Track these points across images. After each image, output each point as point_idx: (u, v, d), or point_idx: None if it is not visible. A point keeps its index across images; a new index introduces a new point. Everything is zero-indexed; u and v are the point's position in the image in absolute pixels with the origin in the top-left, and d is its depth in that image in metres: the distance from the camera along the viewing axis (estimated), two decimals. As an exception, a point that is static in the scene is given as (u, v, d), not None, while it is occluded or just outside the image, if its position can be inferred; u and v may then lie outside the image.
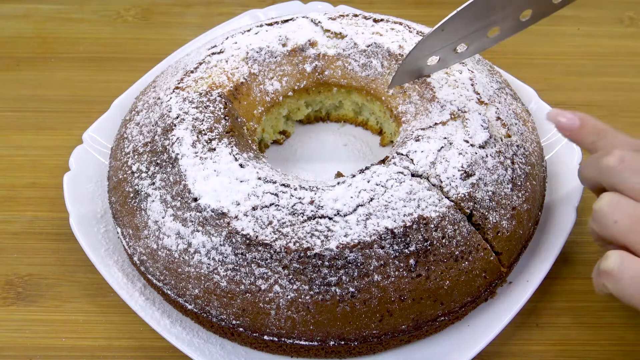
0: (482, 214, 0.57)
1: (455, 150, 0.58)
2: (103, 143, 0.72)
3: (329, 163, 0.73)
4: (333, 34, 0.72)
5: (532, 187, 0.62)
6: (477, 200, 0.57)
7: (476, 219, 0.57)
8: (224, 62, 0.69)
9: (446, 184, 0.57)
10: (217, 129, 0.62)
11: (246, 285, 0.54)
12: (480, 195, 0.57)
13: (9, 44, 0.93)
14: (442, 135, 0.60)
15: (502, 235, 0.58)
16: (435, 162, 0.58)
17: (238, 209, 0.55)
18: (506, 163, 0.60)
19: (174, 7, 1.00)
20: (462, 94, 0.63)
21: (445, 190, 0.56)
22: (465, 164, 0.58)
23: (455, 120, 0.61)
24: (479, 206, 0.57)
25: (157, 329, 0.57)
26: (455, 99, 0.62)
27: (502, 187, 0.59)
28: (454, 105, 0.62)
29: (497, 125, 0.62)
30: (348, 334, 0.54)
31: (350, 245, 0.53)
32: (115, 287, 0.60)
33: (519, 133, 0.63)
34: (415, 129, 0.62)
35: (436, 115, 0.62)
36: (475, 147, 0.59)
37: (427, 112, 0.63)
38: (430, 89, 0.65)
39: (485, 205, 0.57)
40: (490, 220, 0.57)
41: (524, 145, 0.63)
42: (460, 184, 0.57)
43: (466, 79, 0.64)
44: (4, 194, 0.74)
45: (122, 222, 0.61)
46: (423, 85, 0.65)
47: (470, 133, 0.60)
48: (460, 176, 0.57)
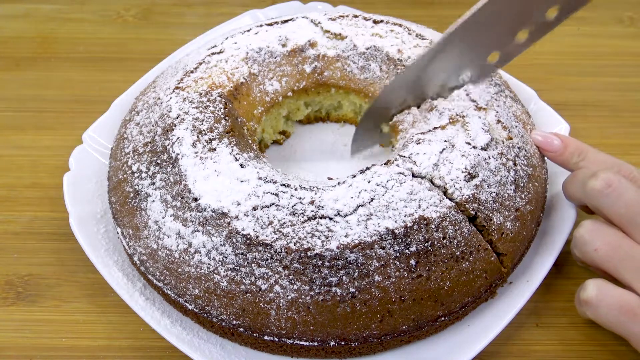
0: (486, 215, 0.57)
1: (457, 152, 0.58)
2: (103, 143, 0.72)
3: (329, 163, 0.73)
4: (333, 35, 0.72)
5: (534, 188, 0.62)
6: (481, 202, 0.57)
7: (480, 221, 0.57)
8: (223, 62, 0.69)
9: (450, 185, 0.57)
10: (217, 129, 0.62)
11: (246, 286, 0.54)
12: (484, 197, 0.57)
13: (9, 44, 0.93)
14: (443, 138, 0.60)
15: (506, 236, 0.58)
16: (438, 164, 0.58)
17: (238, 209, 0.55)
18: (508, 165, 0.60)
19: (174, 7, 1.00)
20: (460, 105, 0.63)
21: (450, 192, 0.56)
22: (469, 166, 0.58)
23: (455, 125, 0.61)
24: (483, 207, 0.57)
25: (157, 329, 0.57)
26: (454, 107, 0.63)
27: (505, 189, 0.59)
28: (452, 111, 0.62)
29: (498, 128, 0.62)
30: (348, 335, 0.54)
31: (350, 245, 0.53)
32: (115, 287, 0.60)
33: (519, 135, 0.63)
34: (414, 134, 0.62)
35: (435, 121, 0.62)
36: (477, 149, 0.59)
37: (425, 119, 0.63)
38: (428, 102, 0.65)
39: (489, 206, 0.57)
40: (495, 221, 0.57)
41: (525, 147, 0.63)
42: (464, 186, 0.57)
43: (460, 92, 0.64)
44: (4, 194, 0.74)
45: (122, 222, 0.61)
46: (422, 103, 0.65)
47: (471, 135, 0.60)
48: (464, 178, 0.57)
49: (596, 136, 0.80)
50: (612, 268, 0.54)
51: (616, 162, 0.59)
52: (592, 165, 0.60)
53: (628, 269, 0.53)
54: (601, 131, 0.81)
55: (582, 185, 0.57)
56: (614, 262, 0.54)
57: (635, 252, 0.53)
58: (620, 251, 0.53)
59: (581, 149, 0.61)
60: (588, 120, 0.82)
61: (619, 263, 0.53)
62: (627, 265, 0.53)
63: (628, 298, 0.52)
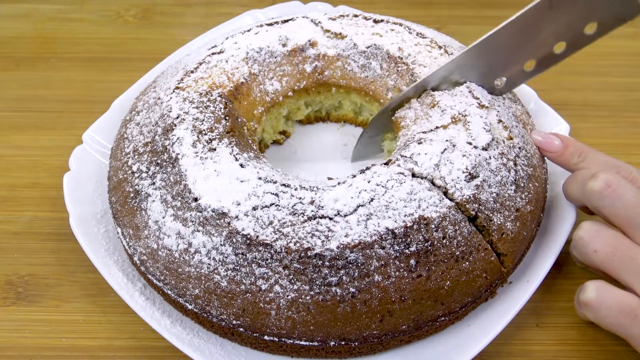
0: (486, 215, 0.57)
1: (458, 152, 0.58)
2: (103, 143, 0.72)
3: (329, 163, 0.74)
4: (333, 34, 0.72)
5: (534, 188, 0.62)
6: (481, 202, 0.57)
7: (481, 221, 0.57)
8: (224, 62, 0.69)
9: (451, 185, 0.56)
10: (217, 129, 0.62)
11: (246, 286, 0.54)
12: (484, 197, 0.57)
13: (9, 44, 0.93)
14: (445, 138, 0.59)
15: (506, 237, 0.58)
16: (439, 164, 0.57)
17: (238, 209, 0.55)
18: (509, 165, 0.60)
19: (174, 7, 1.00)
20: (462, 101, 0.63)
21: (450, 192, 0.56)
22: (470, 166, 0.57)
23: (457, 124, 0.61)
24: (484, 208, 0.57)
25: (157, 329, 0.57)
26: (456, 105, 0.62)
27: (506, 189, 0.59)
28: (454, 109, 0.62)
29: (499, 128, 0.62)
30: (348, 334, 0.54)
31: (350, 245, 0.53)
32: (115, 287, 0.60)
33: (520, 135, 0.63)
34: (416, 133, 0.61)
35: (437, 120, 0.61)
36: (478, 149, 0.59)
37: (427, 116, 0.63)
38: (430, 96, 0.64)
39: (489, 206, 0.57)
40: (495, 221, 0.57)
41: (525, 147, 0.62)
42: (465, 186, 0.57)
43: (463, 88, 0.64)
44: (4, 194, 0.74)
45: (123, 222, 0.61)
46: (423, 94, 0.65)
47: (473, 135, 0.59)
48: (464, 178, 0.57)
49: (596, 136, 0.80)
50: (612, 269, 0.54)
51: (616, 163, 0.59)
52: (592, 166, 0.60)
53: (628, 270, 0.53)
54: (601, 131, 0.81)
55: (581, 186, 0.57)
56: (614, 264, 0.54)
57: (634, 253, 0.53)
58: (619, 253, 0.53)
59: (581, 149, 0.61)
60: (588, 120, 0.82)
61: (618, 264, 0.53)
62: (627, 266, 0.53)
63: (628, 300, 0.52)
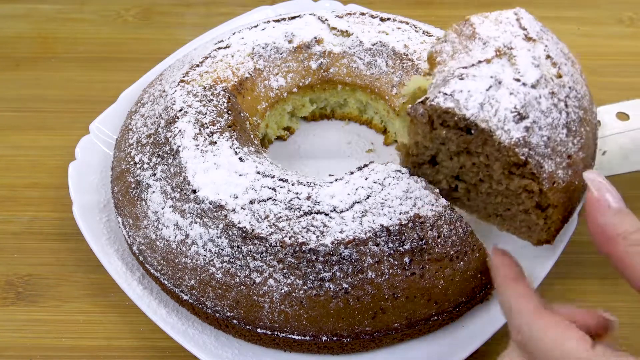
0: (537, 161, 0.50)
1: (505, 89, 0.51)
2: (109, 134, 0.72)
3: (332, 160, 0.74)
4: (339, 32, 0.72)
5: (586, 133, 0.55)
6: (532, 146, 0.50)
7: (531, 167, 0.50)
8: (229, 57, 0.69)
9: (497, 127, 0.49)
10: (219, 123, 0.62)
11: (241, 278, 0.54)
12: (535, 141, 0.50)
13: (9, 44, 0.93)
14: (489, 74, 0.52)
15: (557, 186, 0.51)
16: (484, 103, 0.50)
17: (236, 202, 0.55)
18: (560, 106, 0.52)
19: (174, 7, 1.00)
20: (507, 30, 0.56)
21: (497, 134, 0.49)
22: (519, 105, 0.50)
23: (501, 58, 0.53)
24: (534, 153, 0.50)
25: (153, 318, 0.58)
26: (499, 35, 0.55)
27: (557, 132, 0.51)
28: (498, 41, 0.54)
29: (547, 64, 0.54)
30: (341, 330, 0.55)
31: (345, 241, 0.53)
32: (114, 276, 0.61)
33: (569, 74, 0.56)
34: (455, 69, 0.53)
35: (478, 53, 0.54)
36: (527, 87, 0.51)
37: (466, 50, 0.55)
38: (469, 25, 0.57)
39: (540, 151, 0.50)
40: (546, 168, 0.50)
41: (575, 87, 0.55)
42: (513, 127, 0.49)
43: (510, 14, 0.57)
44: (4, 194, 0.74)
45: (123, 211, 0.62)
46: (461, 22, 0.59)
47: (520, 70, 0.52)
48: (513, 118, 0.50)
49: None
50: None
51: None
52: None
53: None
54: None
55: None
56: None
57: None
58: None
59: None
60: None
61: None
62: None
63: None
